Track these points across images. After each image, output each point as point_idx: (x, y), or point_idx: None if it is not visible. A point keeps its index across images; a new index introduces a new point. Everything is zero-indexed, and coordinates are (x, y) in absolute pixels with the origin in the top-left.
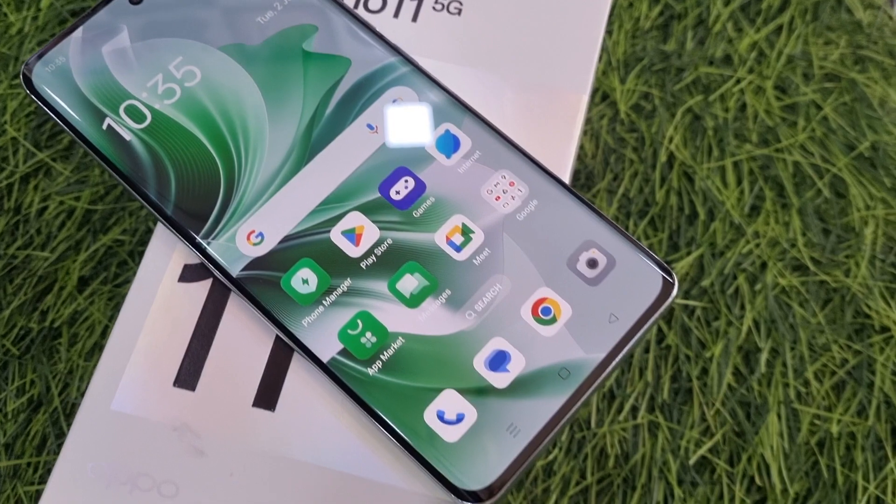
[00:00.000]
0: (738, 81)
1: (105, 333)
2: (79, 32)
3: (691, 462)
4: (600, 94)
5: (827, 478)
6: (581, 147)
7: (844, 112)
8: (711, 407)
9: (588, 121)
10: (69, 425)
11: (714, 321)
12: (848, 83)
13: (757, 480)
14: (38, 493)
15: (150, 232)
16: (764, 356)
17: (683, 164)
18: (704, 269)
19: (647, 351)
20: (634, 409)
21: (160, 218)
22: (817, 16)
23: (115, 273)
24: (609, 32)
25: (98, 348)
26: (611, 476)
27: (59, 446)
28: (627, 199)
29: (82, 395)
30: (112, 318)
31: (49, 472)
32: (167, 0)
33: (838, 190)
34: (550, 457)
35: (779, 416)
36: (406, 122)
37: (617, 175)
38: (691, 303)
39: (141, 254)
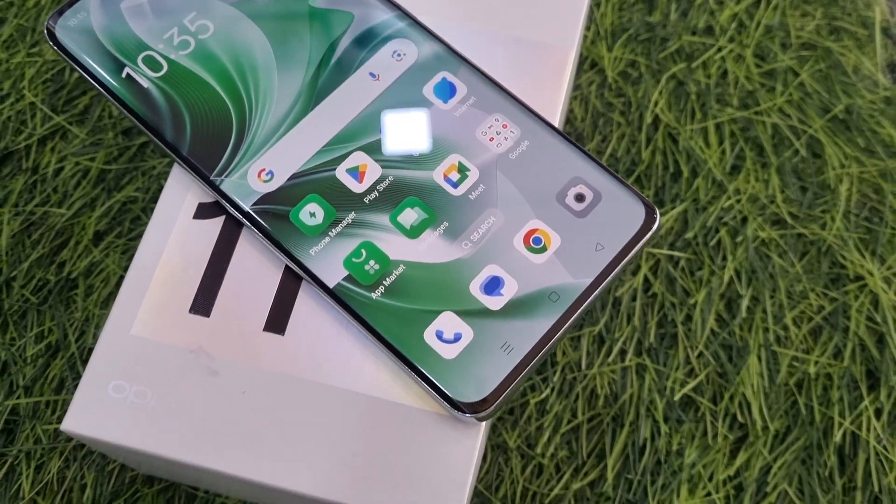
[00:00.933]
0: (720, 50)
1: (120, 284)
2: None
3: (676, 398)
4: (589, 62)
5: (805, 415)
6: (571, 111)
7: (820, 78)
8: (695, 350)
9: (577, 87)
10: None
11: (697, 271)
12: (823, 51)
13: (739, 417)
14: (57, 432)
15: (162, 190)
16: (745, 303)
17: (668, 126)
18: (688, 223)
19: (634, 299)
20: (623, 353)
21: (177, 159)
22: None
23: (128, 228)
24: (597, 5)
25: (113, 298)
26: (601, 415)
27: (77, 387)
28: (615, 158)
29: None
30: (127, 269)
31: (66, 412)
32: None
33: (814, 150)
34: (543, 396)
35: (759, 359)
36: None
37: (605, 137)
38: (676, 254)
39: (154, 210)
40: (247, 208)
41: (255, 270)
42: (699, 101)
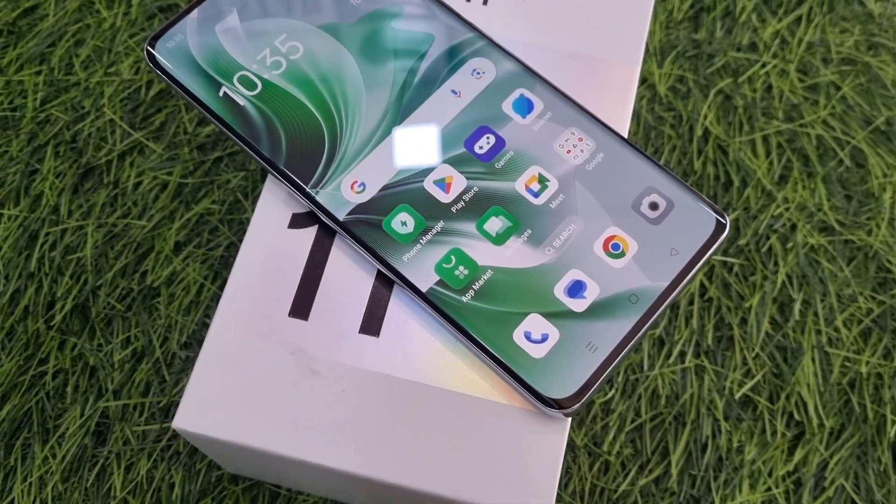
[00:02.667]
0: (764, 65)
1: (200, 292)
2: (194, 13)
3: (737, 397)
4: (640, 79)
5: (858, 413)
6: None
7: (861, 91)
8: (752, 351)
9: None
10: (171, 374)
11: (751, 276)
12: (863, 66)
13: (795, 416)
14: (145, 433)
15: (238, 202)
16: (797, 306)
17: (717, 138)
18: (741, 231)
19: (691, 303)
20: (682, 354)
21: (273, 172)
22: (833, 7)
23: (207, 239)
24: None
25: (194, 305)
26: (662, 414)
27: (162, 390)
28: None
29: (193, 336)
30: (207, 278)
31: (153, 414)
32: None
33: (858, 160)
34: (607, 396)
35: (813, 360)
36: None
37: (657, 149)
38: (730, 260)
39: (230, 222)
40: (341, 218)
41: (348, 276)
42: (746, 115)
